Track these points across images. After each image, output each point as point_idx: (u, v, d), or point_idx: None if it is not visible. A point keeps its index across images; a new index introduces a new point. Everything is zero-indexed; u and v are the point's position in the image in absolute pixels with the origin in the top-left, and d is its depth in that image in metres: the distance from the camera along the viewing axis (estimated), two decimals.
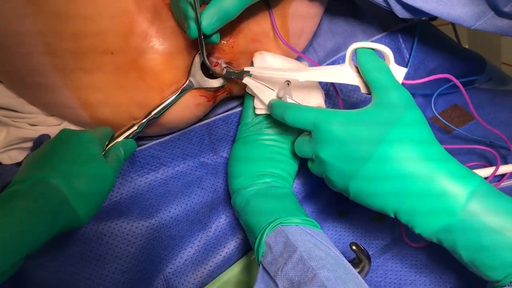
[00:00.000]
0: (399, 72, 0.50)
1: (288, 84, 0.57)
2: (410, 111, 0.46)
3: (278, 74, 0.55)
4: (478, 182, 0.43)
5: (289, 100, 0.54)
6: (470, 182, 0.43)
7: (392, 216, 0.46)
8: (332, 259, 0.45)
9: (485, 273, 0.43)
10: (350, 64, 0.52)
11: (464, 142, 0.71)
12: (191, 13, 0.49)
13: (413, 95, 0.75)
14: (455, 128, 0.69)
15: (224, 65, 0.59)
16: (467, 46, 1.12)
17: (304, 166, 0.58)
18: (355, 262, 0.53)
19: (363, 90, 0.52)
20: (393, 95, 0.46)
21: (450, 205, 0.42)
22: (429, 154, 0.44)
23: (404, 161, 0.43)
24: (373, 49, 0.51)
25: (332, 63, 0.70)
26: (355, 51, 0.51)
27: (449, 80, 0.78)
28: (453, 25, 0.89)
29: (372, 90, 0.48)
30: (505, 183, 0.63)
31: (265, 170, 0.58)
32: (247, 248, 0.66)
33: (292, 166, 0.60)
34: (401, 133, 0.44)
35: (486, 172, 0.63)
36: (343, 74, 0.52)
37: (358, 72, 0.51)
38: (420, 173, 0.43)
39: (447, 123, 0.69)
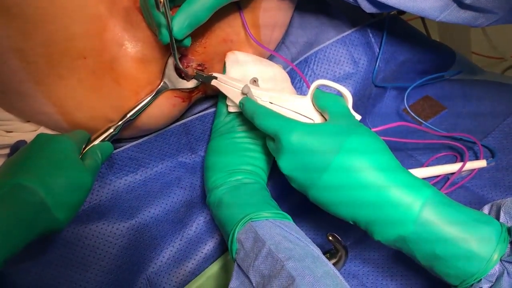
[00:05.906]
0: (355, 116, 0.52)
1: (255, 81, 0.59)
2: (363, 126, 0.48)
3: (242, 87, 0.57)
4: (430, 193, 0.44)
5: (254, 96, 0.56)
6: (423, 193, 0.44)
7: (352, 223, 0.48)
8: (300, 249, 0.45)
9: (443, 279, 0.44)
10: (312, 98, 0.54)
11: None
12: (162, 19, 0.49)
13: (386, 88, 0.78)
14: (423, 122, 0.71)
15: (195, 67, 0.60)
16: (438, 38, 1.13)
17: None
18: (332, 253, 0.54)
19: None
20: (349, 116, 0.50)
21: (404, 215, 0.43)
22: (384, 164, 0.45)
23: (360, 171, 0.44)
24: (336, 89, 0.53)
25: (305, 60, 0.72)
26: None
27: (421, 73, 0.81)
28: (422, 18, 0.91)
29: (328, 115, 0.50)
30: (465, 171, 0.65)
31: (237, 168, 0.59)
32: None
33: (265, 161, 0.60)
34: (357, 142, 0.45)
35: (453, 167, 0.64)
36: (303, 105, 0.54)
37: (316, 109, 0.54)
38: (375, 183, 0.44)
39: (416, 116, 0.72)
